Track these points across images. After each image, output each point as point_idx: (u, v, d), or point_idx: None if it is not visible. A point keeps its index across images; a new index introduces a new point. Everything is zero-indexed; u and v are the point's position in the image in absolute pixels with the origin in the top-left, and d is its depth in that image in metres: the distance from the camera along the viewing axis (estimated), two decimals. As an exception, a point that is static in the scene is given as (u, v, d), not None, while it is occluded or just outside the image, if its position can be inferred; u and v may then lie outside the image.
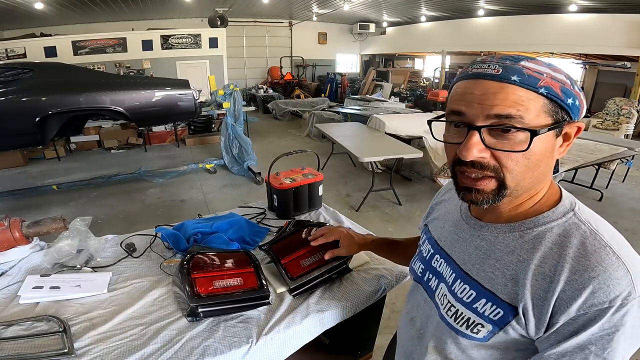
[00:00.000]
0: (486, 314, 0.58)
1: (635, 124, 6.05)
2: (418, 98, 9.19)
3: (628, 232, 3.16)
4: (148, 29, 7.86)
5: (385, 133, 4.50)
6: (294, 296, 1.08)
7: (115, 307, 1.01)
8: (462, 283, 0.63)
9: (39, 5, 6.27)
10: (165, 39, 7.21)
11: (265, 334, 0.94)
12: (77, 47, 6.61)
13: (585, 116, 6.65)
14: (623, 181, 4.38)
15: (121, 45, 6.91)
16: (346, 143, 3.97)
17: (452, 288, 0.64)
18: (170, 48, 7.27)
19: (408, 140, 4.37)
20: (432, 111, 6.03)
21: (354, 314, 1.11)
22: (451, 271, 0.66)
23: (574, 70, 9.23)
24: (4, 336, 0.87)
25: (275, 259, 1.14)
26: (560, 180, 3.80)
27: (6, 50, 6.28)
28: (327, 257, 1.06)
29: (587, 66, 8.87)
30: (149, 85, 3.89)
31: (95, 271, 1.17)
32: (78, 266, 1.18)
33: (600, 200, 3.88)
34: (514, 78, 0.49)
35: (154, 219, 3.40)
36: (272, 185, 1.57)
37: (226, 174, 4.69)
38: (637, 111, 5.99)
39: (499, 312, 0.57)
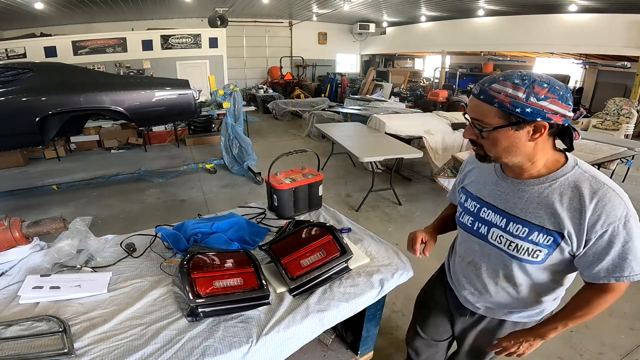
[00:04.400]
0: (541, 242, 0.85)
1: (635, 124, 6.04)
2: (418, 98, 9.17)
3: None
4: (148, 29, 7.86)
5: (385, 133, 4.49)
6: (294, 296, 1.08)
7: (115, 307, 1.01)
8: (515, 224, 0.89)
9: (39, 5, 6.27)
10: (165, 39, 7.21)
11: (265, 334, 0.94)
12: (77, 47, 6.60)
13: (585, 116, 6.64)
14: (623, 181, 4.38)
15: (121, 45, 6.91)
16: (346, 143, 3.96)
17: (508, 229, 0.90)
18: (170, 48, 7.27)
19: (408, 140, 4.37)
20: (431, 111, 6.02)
21: (354, 314, 1.11)
22: (501, 217, 0.92)
23: (574, 70, 9.22)
24: (4, 336, 0.87)
25: (275, 259, 1.14)
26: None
27: (6, 50, 6.28)
28: (427, 254, 1.15)
29: (587, 66, 8.87)
30: (149, 85, 3.88)
31: (95, 271, 1.17)
32: (78, 266, 1.18)
33: (600, 200, 3.87)
34: (481, 97, 0.81)
35: (154, 219, 3.40)
36: (272, 185, 1.57)
37: (226, 174, 4.68)
38: (637, 111, 5.99)
39: (550, 238, 0.84)
